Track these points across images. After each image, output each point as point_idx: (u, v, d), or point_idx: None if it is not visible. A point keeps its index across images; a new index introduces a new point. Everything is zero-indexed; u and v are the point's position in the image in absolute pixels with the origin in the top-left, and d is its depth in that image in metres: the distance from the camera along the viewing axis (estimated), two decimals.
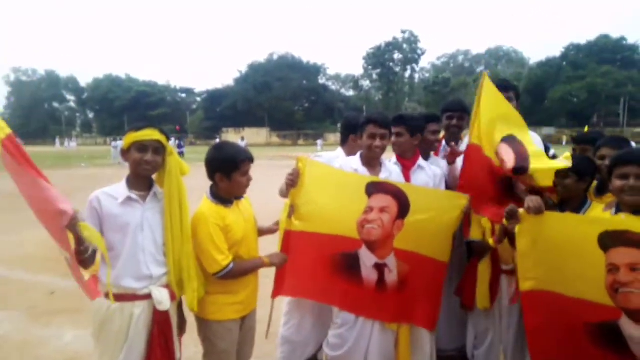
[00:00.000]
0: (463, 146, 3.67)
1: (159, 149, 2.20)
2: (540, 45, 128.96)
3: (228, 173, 2.37)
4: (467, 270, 2.98)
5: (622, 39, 54.45)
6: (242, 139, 31.08)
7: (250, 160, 2.46)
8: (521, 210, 2.38)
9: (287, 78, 62.68)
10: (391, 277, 2.70)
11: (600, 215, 2.44)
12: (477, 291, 2.89)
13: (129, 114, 66.38)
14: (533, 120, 48.16)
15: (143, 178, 2.24)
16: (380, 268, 2.70)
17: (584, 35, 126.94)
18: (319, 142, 45.40)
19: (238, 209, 2.49)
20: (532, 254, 2.37)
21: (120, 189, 2.20)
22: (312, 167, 2.76)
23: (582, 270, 2.19)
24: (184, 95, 78.53)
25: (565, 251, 2.26)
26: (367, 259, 2.70)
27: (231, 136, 51.65)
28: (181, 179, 2.27)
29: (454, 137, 3.74)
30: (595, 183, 2.72)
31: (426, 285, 2.72)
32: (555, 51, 73.46)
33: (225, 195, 2.44)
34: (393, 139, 3.06)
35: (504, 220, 2.51)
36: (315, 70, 69.34)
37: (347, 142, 3.38)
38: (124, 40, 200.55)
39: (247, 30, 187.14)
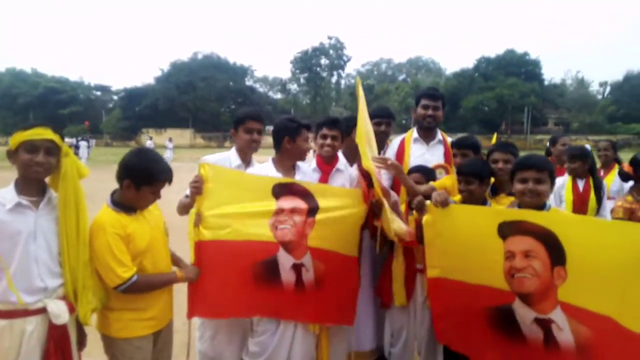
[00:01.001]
0: (390, 151, 3.81)
1: (52, 150, 1.99)
2: (455, 56, 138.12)
3: (139, 184, 2.22)
4: (384, 268, 3.08)
5: (526, 54, 59.76)
6: (170, 140, 29.42)
7: (169, 182, 2.31)
8: (428, 203, 2.55)
9: (213, 78, 60.91)
10: (308, 276, 2.70)
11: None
12: (393, 288, 2.98)
13: (35, 111, 60.46)
14: (449, 126, 51.36)
15: (34, 181, 2.02)
16: (297, 268, 2.69)
17: (494, 49, 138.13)
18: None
19: (142, 217, 2.33)
20: (438, 244, 2.55)
21: (8, 194, 1.96)
22: (215, 172, 2.67)
23: (483, 258, 2.38)
24: (98, 93, 73.18)
25: (468, 241, 2.45)
26: (286, 260, 2.67)
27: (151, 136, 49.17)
28: (78, 182, 2.06)
29: (382, 142, 3.87)
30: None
31: (341, 282, 2.79)
32: (469, 63, 79.10)
33: (128, 203, 2.27)
34: (328, 141, 3.10)
35: (414, 212, 2.69)
36: (242, 72, 68.18)
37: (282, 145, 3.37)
38: (30, 31, 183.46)
39: (170, 27, 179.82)
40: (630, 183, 3.82)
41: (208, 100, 59.91)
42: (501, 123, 56.31)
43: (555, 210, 2.50)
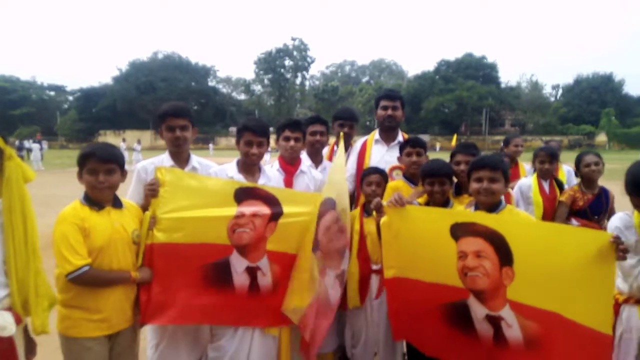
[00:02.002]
0: (352, 153, 3.85)
1: None
2: (417, 59, 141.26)
3: (80, 172, 2.26)
4: None
5: (484, 57, 62.06)
6: (139, 142, 27.81)
7: (97, 156, 2.27)
8: (385, 204, 2.58)
9: (174, 79, 59.70)
10: (265, 280, 2.65)
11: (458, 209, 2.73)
12: (347, 291, 3.00)
13: None
14: (411, 128, 52.64)
15: None
16: (252, 272, 2.63)
17: (453, 52, 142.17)
18: (210, 146, 44.02)
19: (108, 215, 2.30)
20: (394, 244, 2.60)
21: None
22: (173, 176, 2.61)
23: (437, 258, 2.45)
24: (52, 93, 70.19)
25: (423, 241, 2.52)
26: (238, 264, 2.62)
27: (110, 139, 47.64)
28: (24, 186, 1.95)
29: (346, 144, 3.90)
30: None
31: None
32: (430, 65, 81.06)
33: (92, 197, 2.27)
34: (291, 143, 3.08)
35: (373, 213, 2.73)
36: (204, 72, 67.21)
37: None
38: None
39: (128, 25, 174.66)
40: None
41: (169, 101, 58.23)
42: (461, 124, 58.08)
43: (511, 209, 2.58)
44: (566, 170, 5.09)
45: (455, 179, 3.04)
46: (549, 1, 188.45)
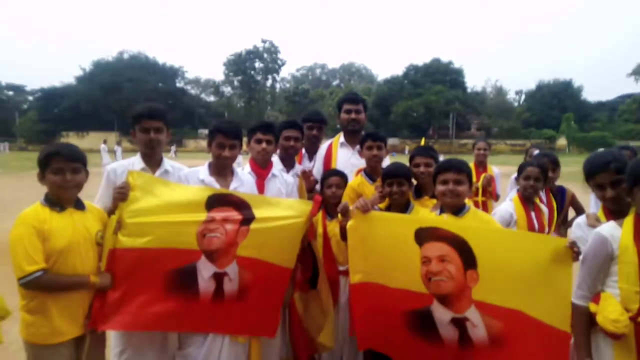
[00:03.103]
0: (318, 156, 3.85)
1: None
2: (386, 63, 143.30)
3: (43, 171, 2.22)
4: None
5: (450, 62, 63.51)
6: (119, 144, 26.86)
7: (62, 155, 2.23)
8: (351, 208, 2.61)
9: (140, 79, 58.18)
10: (231, 286, 2.61)
11: (422, 214, 2.78)
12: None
13: None
14: (380, 131, 53.06)
15: None
16: (219, 278, 2.58)
17: (421, 57, 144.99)
18: (172, 148, 39.15)
19: (70, 217, 2.25)
20: (360, 249, 2.62)
21: None
22: (145, 181, 2.57)
23: (402, 263, 2.48)
24: (11, 92, 67.23)
25: (388, 246, 2.54)
26: (205, 269, 2.57)
27: (73, 140, 45.92)
28: None
29: (314, 146, 3.90)
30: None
31: (268, 293, 2.71)
32: (399, 70, 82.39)
33: (55, 197, 2.23)
34: (263, 145, 3.05)
35: (339, 215, 2.75)
36: (172, 73, 65.88)
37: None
38: None
39: (91, 24, 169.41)
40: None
41: (135, 102, 56.69)
42: (429, 128, 59.20)
43: (475, 212, 2.66)
44: (495, 172, 5.28)
45: (415, 182, 3.09)
46: (513, 11, 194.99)
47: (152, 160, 2.87)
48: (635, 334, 1.94)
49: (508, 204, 3.43)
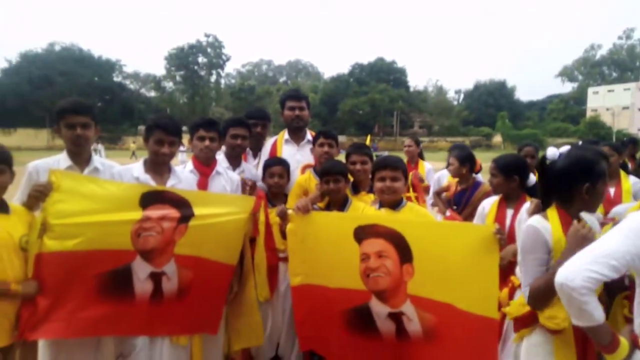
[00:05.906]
0: (264, 153, 3.83)
1: None
2: (332, 61, 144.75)
3: None
4: None
5: (394, 62, 65.41)
6: (97, 141, 24.18)
7: None
8: (290, 211, 2.62)
9: (74, 73, 54.81)
10: (170, 285, 2.53)
11: (361, 210, 2.84)
12: (257, 282, 2.99)
13: None
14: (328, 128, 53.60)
15: None
16: (156, 277, 2.50)
17: (366, 56, 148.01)
18: (100, 146, 31.02)
19: None
20: (300, 251, 2.65)
21: None
22: (70, 180, 2.41)
23: (342, 262, 2.52)
24: None
25: (328, 246, 2.58)
26: (141, 270, 2.47)
27: None
28: None
29: (258, 143, 3.88)
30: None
31: (210, 290, 2.65)
32: (344, 68, 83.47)
33: None
34: (206, 143, 2.97)
35: (277, 220, 2.74)
36: (109, 67, 62.54)
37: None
38: None
39: (18, 13, 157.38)
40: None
41: (69, 97, 53.45)
42: (374, 126, 60.54)
43: (412, 207, 2.75)
44: (427, 169, 5.42)
45: (352, 178, 3.17)
46: (453, 12, 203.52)
47: (80, 158, 2.70)
48: (574, 328, 1.89)
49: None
